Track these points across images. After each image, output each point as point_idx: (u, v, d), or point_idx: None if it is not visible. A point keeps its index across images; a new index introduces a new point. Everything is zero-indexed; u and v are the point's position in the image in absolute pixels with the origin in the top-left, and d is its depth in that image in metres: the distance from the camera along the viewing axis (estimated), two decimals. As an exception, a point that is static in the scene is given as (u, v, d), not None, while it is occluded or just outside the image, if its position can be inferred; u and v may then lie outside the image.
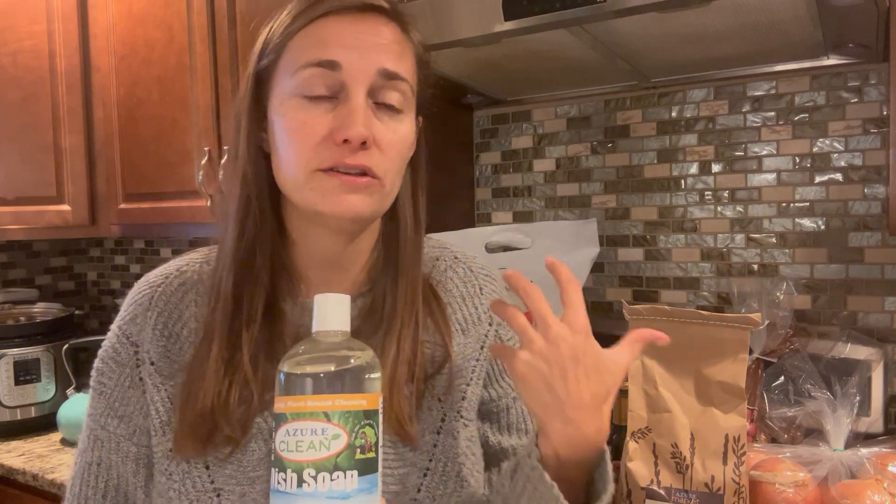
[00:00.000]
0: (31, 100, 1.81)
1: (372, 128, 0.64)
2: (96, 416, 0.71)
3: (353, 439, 0.51)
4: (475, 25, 1.07)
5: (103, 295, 2.49)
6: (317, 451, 0.50)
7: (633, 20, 1.01)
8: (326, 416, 0.50)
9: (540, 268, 1.35)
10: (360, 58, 0.64)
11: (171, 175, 1.72)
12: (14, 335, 1.75)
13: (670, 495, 0.99)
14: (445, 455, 0.72)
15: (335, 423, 0.50)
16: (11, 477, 1.54)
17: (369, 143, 0.63)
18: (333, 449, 0.50)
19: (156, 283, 0.73)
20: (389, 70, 0.65)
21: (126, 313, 0.72)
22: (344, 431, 0.50)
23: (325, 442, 0.50)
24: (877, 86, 1.25)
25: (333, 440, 0.50)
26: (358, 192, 0.64)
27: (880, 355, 1.19)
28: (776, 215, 1.35)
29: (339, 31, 0.64)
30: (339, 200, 0.64)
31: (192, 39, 1.64)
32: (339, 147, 0.63)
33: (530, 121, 1.60)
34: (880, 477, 0.97)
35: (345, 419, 0.51)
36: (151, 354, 0.69)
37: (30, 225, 1.84)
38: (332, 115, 0.64)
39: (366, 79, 0.64)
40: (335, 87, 0.64)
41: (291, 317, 0.70)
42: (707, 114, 1.40)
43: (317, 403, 0.51)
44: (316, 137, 0.63)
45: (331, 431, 0.50)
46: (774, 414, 1.16)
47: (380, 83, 0.65)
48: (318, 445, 0.50)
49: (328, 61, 0.63)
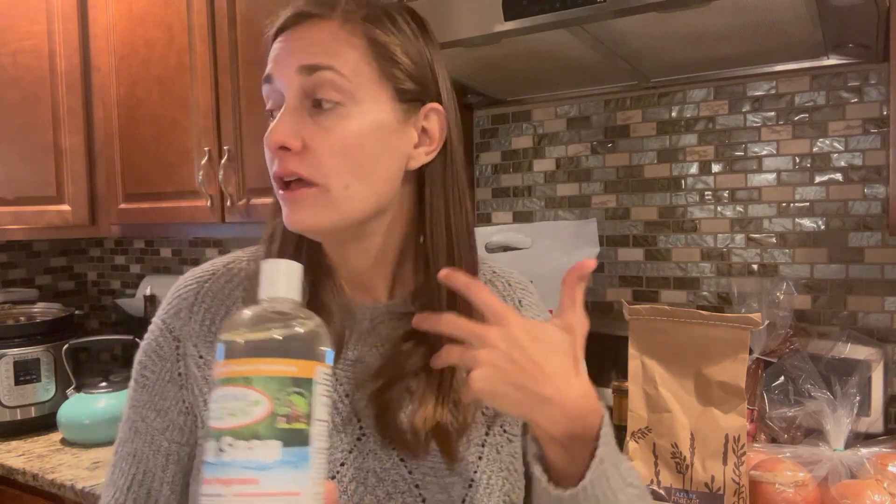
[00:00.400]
0: (31, 100, 1.81)
1: (302, 132, 0.63)
2: (138, 409, 0.72)
3: (277, 407, 0.46)
4: (475, 25, 1.07)
5: (103, 295, 2.48)
6: (236, 418, 0.46)
7: (633, 20, 1.01)
8: (247, 380, 0.47)
9: (540, 268, 1.36)
10: (281, 65, 0.65)
11: (171, 175, 1.72)
12: (14, 335, 1.75)
13: (670, 495, 0.99)
14: (490, 468, 0.72)
15: (256, 389, 0.46)
16: (11, 477, 1.54)
17: (293, 147, 0.62)
18: (253, 416, 0.46)
19: (202, 279, 0.73)
20: (305, 64, 0.63)
21: (170, 307, 0.73)
22: (266, 398, 0.46)
23: (245, 408, 0.46)
24: (877, 86, 1.25)
25: (253, 406, 0.46)
26: (302, 205, 0.63)
27: (880, 355, 1.19)
28: (776, 215, 1.35)
29: (276, 48, 0.67)
30: (289, 216, 0.64)
31: (192, 39, 1.64)
32: (275, 157, 0.64)
33: (530, 121, 1.60)
34: (880, 477, 0.97)
35: (266, 385, 0.46)
36: (200, 349, 0.70)
37: (30, 225, 1.84)
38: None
39: (290, 82, 0.64)
40: (280, 99, 0.65)
41: (335, 313, 0.70)
42: (707, 114, 1.40)
43: (240, 368, 0.47)
44: (268, 152, 0.65)
45: (251, 397, 0.46)
46: (774, 414, 1.16)
47: (306, 82, 0.63)
48: (238, 412, 0.46)
49: (266, 76, 0.66)
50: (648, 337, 1.01)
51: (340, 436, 0.68)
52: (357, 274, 0.72)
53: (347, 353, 0.71)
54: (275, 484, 0.46)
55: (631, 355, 1.03)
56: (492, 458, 0.73)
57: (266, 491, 0.45)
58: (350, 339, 0.71)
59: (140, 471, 0.71)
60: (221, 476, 0.46)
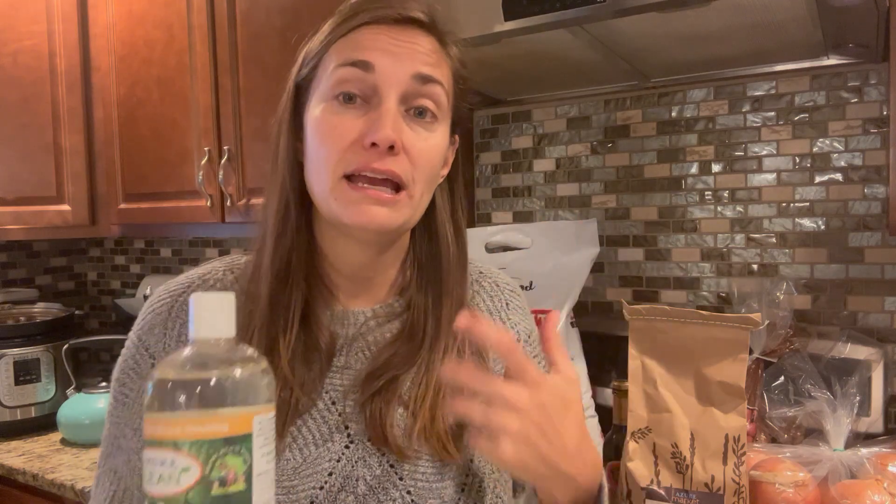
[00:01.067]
0: (31, 100, 1.81)
1: (401, 133, 0.64)
2: (119, 425, 0.70)
3: (209, 472, 0.43)
4: (475, 25, 1.07)
5: (103, 295, 2.48)
6: (167, 486, 0.43)
7: (633, 20, 1.01)
8: (175, 445, 0.43)
9: (540, 268, 1.36)
10: (393, 62, 0.64)
11: (171, 175, 1.72)
12: (14, 335, 1.75)
13: (670, 495, 0.99)
14: (482, 472, 0.72)
15: (185, 453, 0.43)
16: (11, 477, 1.54)
17: (397, 147, 0.63)
18: (183, 485, 0.43)
19: (177, 293, 0.72)
20: (424, 73, 0.65)
21: (144, 322, 0.71)
22: (196, 463, 0.43)
23: (174, 475, 0.43)
24: (877, 86, 1.25)
25: (183, 474, 0.43)
26: (383, 204, 0.64)
27: (880, 355, 1.19)
28: (776, 215, 1.35)
29: (375, 36, 0.65)
30: (361, 211, 0.64)
31: (192, 39, 1.64)
32: (366, 151, 0.63)
33: (530, 121, 1.60)
34: (880, 477, 0.97)
35: (197, 449, 0.43)
36: None
37: (30, 225, 1.84)
38: (363, 120, 0.64)
39: (399, 83, 0.64)
40: (368, 90, 0.64)
41: (327, 323, 0.70)
42: (707, 114, 1.40)
43: (166, 430, 0.43)
44: (345, 141, 0.64)
45: (179, 463, 0.43)
46: (774, 414, 1.16)
47: (413, 88, 0.65)
48: (168, 478, 0.43)
49: (362, 61, 0.64)
50: (648, 337, 1.01)
51: (328, 444, 0.67)
52: (363, 279, 0.73)
53: (335, 361, 0.70)
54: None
55: (631, 355, 1.03)
56: (483, 462, 0.72)
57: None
58: (339, 347, 0.71)
59: (120, 488, 0.69)
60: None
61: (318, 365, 0.68)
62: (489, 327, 0.58)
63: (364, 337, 0.72)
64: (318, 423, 0.68)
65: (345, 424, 0.68)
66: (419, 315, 0.72)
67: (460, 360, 0.71)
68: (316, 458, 0.66)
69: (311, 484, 0.66)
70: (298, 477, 0.66)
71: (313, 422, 0.68)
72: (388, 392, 0.68)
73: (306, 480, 0.66)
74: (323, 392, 0.69)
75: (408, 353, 0.70)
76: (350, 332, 0.72)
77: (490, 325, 0.58)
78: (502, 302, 0.81)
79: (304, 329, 0.68)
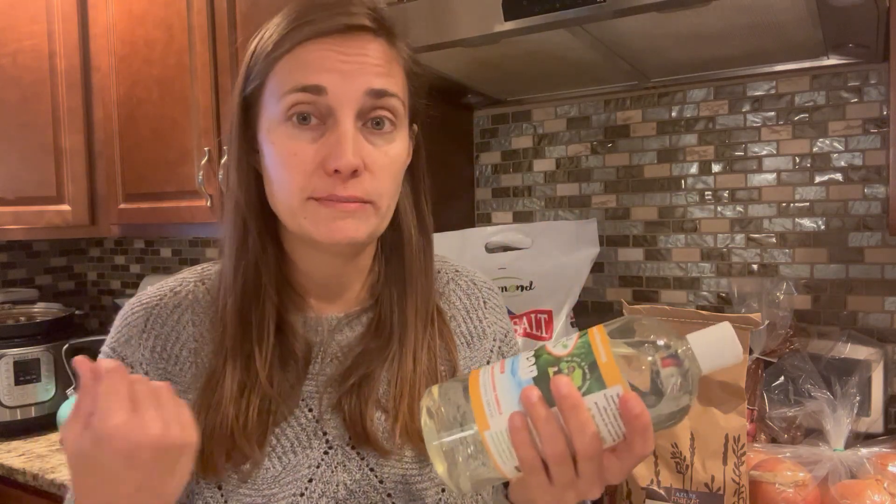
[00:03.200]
0: (31, 100, 1.81)
1: (362, 153, 0.63)
2: None
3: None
4: (475, 25, 1.07)
5: (103, 295, 2.49)
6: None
7: (633, 20, 1.01)
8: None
9: (540, 268, 1.36)
10: (345, 81, 0.62)
11: (171, 175, 1.72)
12: (14, 335, 1.75)
13: (670, 495, 0.99)
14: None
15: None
16: (11, 477, 1.54)
17: (360, 170, 0.62)
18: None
19: (150, 305, 0.71)
20: (377, 89, 0.63)
21: (119, 335, 0.70)
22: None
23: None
24: (877, 86, 1.25)
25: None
26: (352, 218, 0.63)
27: (880, 355, 1.19)
28: (776, 215, 1.35)
29: (323, 54, 0.62)
30: (333, 228, 0.63)
31: (192, 39, 1.64)
32: (329, 177, 0.62)
33: (530, 121, 1.60)
34: (880, 477, 0.97)
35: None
36: (151, 377, 0.68)
37: (30, 225, 1.84)
38: (321, 143, 0.63)
39: (353, 102, 0.62)
40: (322, 110, 0.63)
41: (301, 331, 0.70)
42: (707, 114, 1.40)
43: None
44: (307, 167, 0.63)
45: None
46: (774, 414, 1.16)
47: (368, 104, 0.63)
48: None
49: (313, 86, 0.62)
50: (648, 337, 1.01)
51: (307, 451, 0.67)
52: (336, 285, 0.72)
53: (311, 368, 0.70)
54: None
55: (631, 355, 1.03)
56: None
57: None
58: (314, 354, 0.71)
59: None
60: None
61: (294, 373, 0.68)
62: None
63: (338, 342, 0.71)
64: (295, 431, 0.68)
65: (322, 430, 0.68)
66: (386, 309, 0.72)
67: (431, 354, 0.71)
68: (295, 465, 0.66)
69: (291, 491, 0.66)
70: (278, 485, 0.66)
71: (291, 430, 0.67)
72: (363, 390, 0.68)
73: (286, 488, 0.66)
74: (300, 400, 0.69)
75: (378, 348, 0.70)
76: (324, 339, 0.71)
77: None
78: (479, 300, 0.80)
79: (278, 338, 0.68)
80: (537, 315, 1.29)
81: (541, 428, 0.50)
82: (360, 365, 0.69)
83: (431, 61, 1.26)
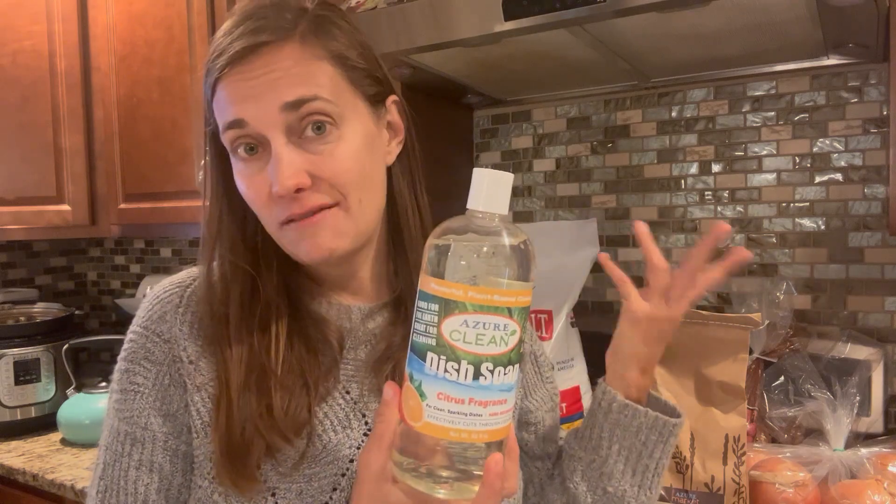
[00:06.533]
0: (31, 100, 1.81)
1: (305, 166, 0.62)
2: (132, 419, 0.68)
3: (523, 335, 0.52)
4: (475, 25, 1.07)
5: (103, 295, 2.48)
6: (496, 346, 0.50)
7: (633, 20, 1.01)
8: (509, 311, 0.50)
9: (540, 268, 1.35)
10: (258, 105, 0.61)
11: (171, 175, 1.72)
12: (14, 335, 1.75)
13: (670, 495, 0.99)
14: None
15: (514, 319, 0.50)
16: (11, 477, 1.54)
17: (305, 184, 0.62)
18: (510, 344, 0.50)
19: (184, 284, 0.71)
20: (291, 101, 0.61)
21: (152, 313, 0.70)
22: (519, 327, 0.51)
23: (504, 338, 0.50)
24: (877, 86, 1.25)
25: (511, 336, 0.50)
26: (323, 229, 0.63)
27: (880, 355, 1.19)
28: (776, 215, 1.35)
29: (234, 86, 0.62)
30: (310, 246, 0.63)
31: (192, 39, 1.64)
32: (283, 200, 0.62)
33: (530, 121, 1.60)
34: (880, 477, 0.97)
35: (521, 315, 0.51)
36: (189, 353, 0.67)
37: (30, 225, 1.84)
38: (266, 171, 0.63)
39: (274, 123, 0.61)
40: (255, 139, 0.63)
41: (330, 317, 0.71)
42: (707, 114, 1.40)
43: (503, 299, 0.50)
44: (262, 197, 0.63)
45: (510, 327, 0.50)
46: (774, 414, 1.16)
47: (292, 117, 0.61)
48: (499, 341, 0.50)
49: (234, 121, 0.62)
50: (648, 337, 1.01)
51: (347, 431, 0.68)
52: (351, 281, 0.73)
53: (345, 355, 0.71)
54: (512, 400, 0.52)
55: (631, 355, 1.02)
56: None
57: (510, 407, 0.52)
58: (345, 339, 0.71)
59: (154, 480, 0.67)
60: (479, 398, 0.50)
61: (329, 357, 0.69)
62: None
63: (366, 330, 0.72)
64: (335, 411, 0.68)
65: (362, 413, 0.69)
66: (406, 298, 0.72)
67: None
68: (336, 444, 0.66)
69: (332, 471, 0.66)
70: (319, 464, 0.65)
71: (330, 409, 0.68)
72: (397, 378, 0.68)
73: (328, 468, 0.66)
74: (336, 383, 0.69)
75: (402, 338, 0.70)
76: (353, 326, 0.72)
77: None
78: None
79: (309, 325, 0.69)
80: (537, 315, 1.29)
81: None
82: (391, 355, 0.69)
83: (431, 61, 1.26)
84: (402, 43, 1.13)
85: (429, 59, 1.25)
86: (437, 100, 1.52)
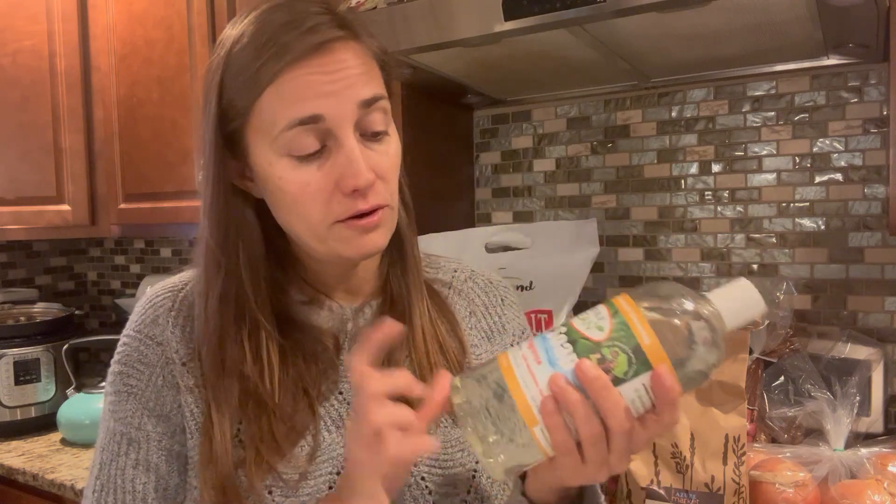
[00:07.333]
0: (31, 100, 1.81)
1: (371, 163, 0.63)
2: (127, 419, 0.68)
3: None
4: (475, 25, 1.07)
5: (103, 295, 2.48)
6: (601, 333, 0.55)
7: (633, 20, 1.01)
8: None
9: (540, 268, 1.36)
10: (339, 102, 0.61)
11: (171, 175, 1.72)
12: (14, 335, 1.75)
13: (670, 495, 0.99)
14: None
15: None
16: (11, 477, 1.54)
17: (375, 182, 0.63)
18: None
19: (176, 288, 0.72)
20: (367, 98, 0.63)
21: (145, 316, 0.70)
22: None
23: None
24: (877, 86, 1.25)
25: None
26: (381, 226, 0.65)
27: (880, 355, 1.19)
28: (776, 215, 1.35)
29: (309, 80, 0.61)
30: (362, 243, 0.65)
31: (192, 39, 1.64)
32: (349, 197, 0.62)
33: (530, 121, 1.60)
34: (880, 477, 0.97)
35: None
36: (181, 355, 0.68)
37: (30, 225, 1.84)
38: (328, 167, 0.62)
39: (350, 119, 0.62)
40: (322, 136, 0.62)
41: (323, 321, 0.71)
42: (707, 114, 1.40)
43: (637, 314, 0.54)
44: (323, 194, 0.62)
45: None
46: (774, 414, 1.16)
47: (362, 114, 0.63)
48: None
49: (311, 116, 0.61)
50: (648, 337, 1.01)
51: (341, 431, 0.68)
52: (350, 280, 0.73)
53: (340, 357, 0.71)
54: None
55: (631, 355, 1.03)
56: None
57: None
58: (342, 343, 0.72)
59: (151, 479, 0.67)
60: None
61: (324, 362, 0.69)
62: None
63: (357, 327, 0.73)
64: (328, 411, 0.68)
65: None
66: (396, 289, 0.74)
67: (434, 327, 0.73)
68: (330, 443, 0.67)
69: (327, 469, 0.66)
70: (314, 462, 0.66)
71: (324, 409, 0.68)
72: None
73: (322, 466, 0.66)
74: (332, 385, 0.70)
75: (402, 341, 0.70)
76: (347, 328, 0.73)
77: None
78: (497, 297, 0.82)
79: (301, 334, 0.69)
80: (537, 315, 1.29)
81: (574, 412, 0.52)
82: (388, 356, 0.69)
83: (431, 61, 1.26)
84: (402, 43, 1.13)
85: (429, 59, 1.25)
86: (437, 100, 1.52)
